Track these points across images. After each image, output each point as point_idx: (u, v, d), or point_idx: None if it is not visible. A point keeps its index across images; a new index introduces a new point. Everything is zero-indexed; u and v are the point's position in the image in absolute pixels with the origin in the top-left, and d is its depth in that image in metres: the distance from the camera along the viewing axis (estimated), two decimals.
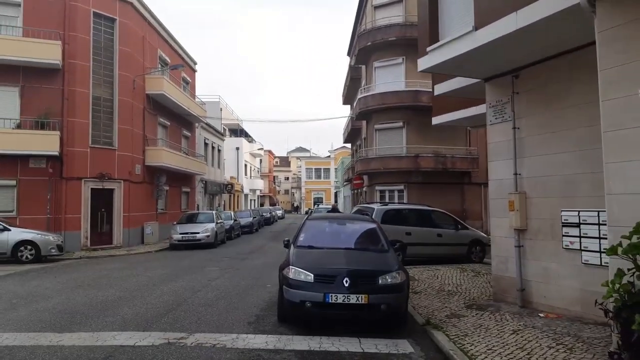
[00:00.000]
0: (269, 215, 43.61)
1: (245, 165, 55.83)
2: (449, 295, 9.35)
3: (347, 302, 6.48)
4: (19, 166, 17.94)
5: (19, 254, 14.94)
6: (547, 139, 7.63)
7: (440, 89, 10.36)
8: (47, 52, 17.90)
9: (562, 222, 7.35)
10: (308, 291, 6.60)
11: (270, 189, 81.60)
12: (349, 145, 51.40)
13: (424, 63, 8.39)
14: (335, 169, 79.26)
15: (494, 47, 7.04)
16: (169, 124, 26.10)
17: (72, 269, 13.83)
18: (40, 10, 18.45)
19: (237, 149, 51.98)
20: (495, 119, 8.69)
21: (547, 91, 7.63)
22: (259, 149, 60.19)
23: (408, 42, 24.91)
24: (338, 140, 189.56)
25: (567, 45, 6.93)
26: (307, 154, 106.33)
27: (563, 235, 7.36)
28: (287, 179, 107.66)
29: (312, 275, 6.72)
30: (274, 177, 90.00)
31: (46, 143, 17.75)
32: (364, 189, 30.34)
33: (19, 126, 17.85)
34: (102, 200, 19.95)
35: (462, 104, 12.18)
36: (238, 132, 54.55)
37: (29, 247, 15.09)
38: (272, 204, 79.89)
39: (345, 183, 51.54)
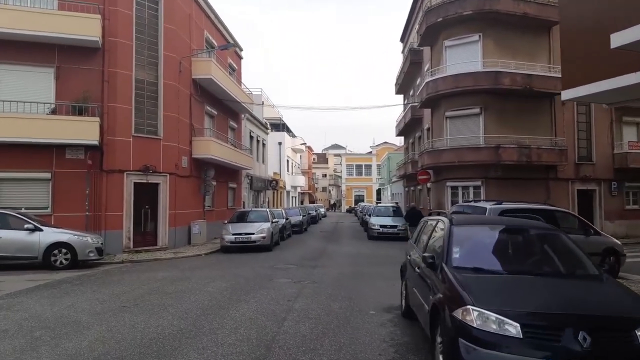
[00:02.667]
0: (314, 213, 41.04)
1: (287, 161, 53.50)
2: None
3: None
4: (54, 157, 15.82)
5: (52, 258, 12.70)
6: None
7: (623, 37, 7.28)
8: (86, 27, 15.68)
9: None
10: (515, 354, 3.79)
11: (309, 186, 79.15)
12: (399, 139, 48.31)
13: None
14: (378, 165, 76.11)
15: None
16: (215, 113, 23.73)
17: (114, 278, 11.44)
18: None
19: (280, 143, 49.70)
20: None
21: None
22: (301, 144, 57.63)
23: (486, 16, 21.77)
24: (379, 136, 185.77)
25: None
26: (343, 151, 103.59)
27: None
28: (325, 176, 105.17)
29: (518, 324, 3.90)
30: (312, 173, 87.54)
31: (85, 131, 15.54)
32: (427, 185, 27.28)
33: (54, 112, 15.72)
34: (145, 196, 17.67)
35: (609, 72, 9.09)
36: (280, 126, 52.19)
37: (63, 250, 12.84)
38: (312, 201, 77.48)
39: (395, 179, 48.47)
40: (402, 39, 39.01)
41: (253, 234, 17.55)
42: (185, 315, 7.42)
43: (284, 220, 23.81)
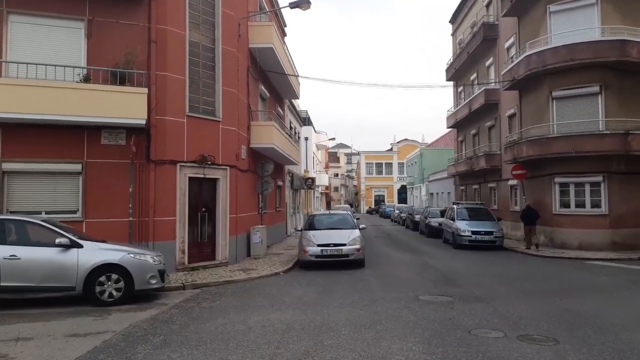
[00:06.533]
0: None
1: (313, 158, 49.24)
2: None
3: None
4: (85, 142, 11.56)
5: (98, 288, 8.45)
6: None
7: None
8: None
9: None
10: None
11: (327, 186, 74.81)
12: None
13: None
14: (400, 163, 71.92)
15: None
16: (268, 95, 19.55)
17: (207, 326, 7.14)
18: None
19: (306, 139, 45.44)
20: None
21: None
22: (330, 139, 53.33)
23: None
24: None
25: None
26: (348, 150, 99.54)
27: None
28: (336, 175, 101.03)
29: None
30: (328, 172, 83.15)
31: (128, 106, 11.25)
32: (510, 182, 23.11)
33: (86, 79, 11.47)
34: (201, 196, 13.50)
35: None
36: (306, 120, 47.91)
37: (114, 276, 8.60)
38: (328, 201, 73.18)
39: (434, 178, 44.36)
40: (452, 20, 34.89)
41: (344, 245, 13.31)
42: None
43: None
